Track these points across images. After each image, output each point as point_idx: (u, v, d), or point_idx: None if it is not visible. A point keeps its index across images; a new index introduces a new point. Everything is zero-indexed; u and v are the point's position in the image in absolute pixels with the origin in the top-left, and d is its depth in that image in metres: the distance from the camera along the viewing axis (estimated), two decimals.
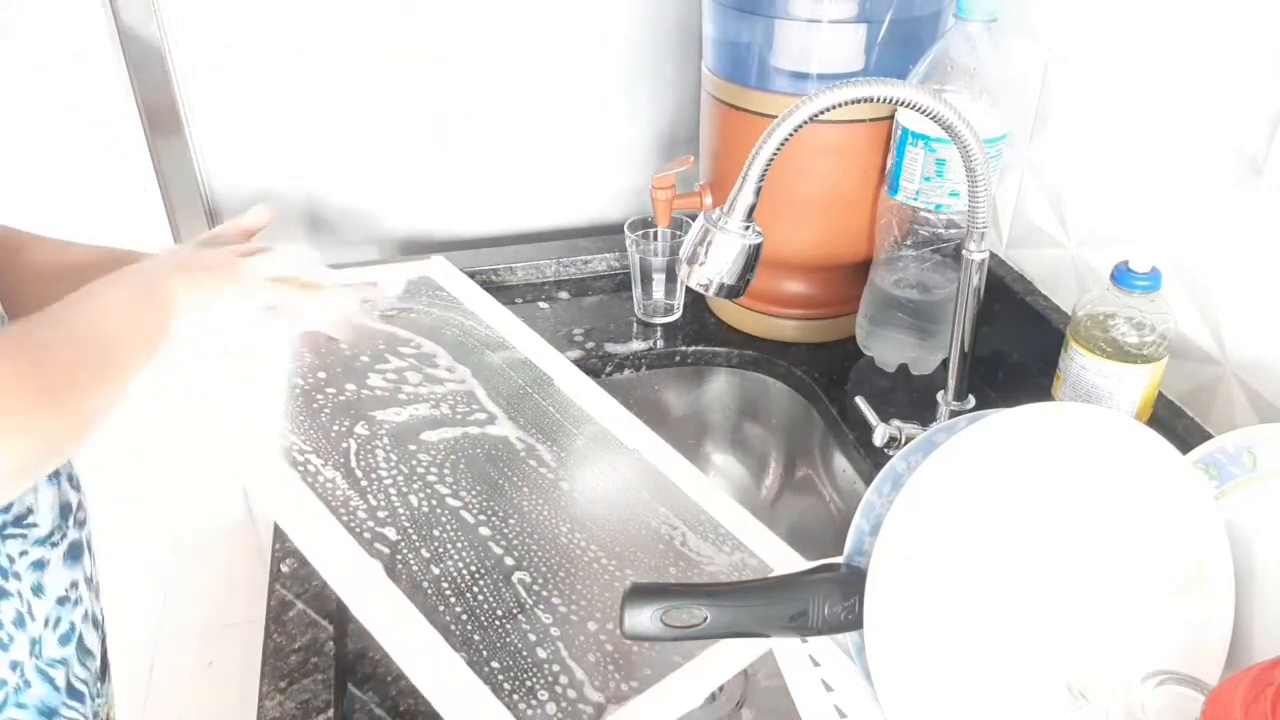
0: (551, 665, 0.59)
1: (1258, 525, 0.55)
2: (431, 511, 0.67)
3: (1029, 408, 0.52)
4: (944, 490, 0.50)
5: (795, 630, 0.54)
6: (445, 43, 1.10)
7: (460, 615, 0.61)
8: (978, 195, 0.68)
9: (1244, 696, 0.41)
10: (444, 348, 0.84)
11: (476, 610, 0.61)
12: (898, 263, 0.90)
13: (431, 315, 0.89)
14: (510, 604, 0.62)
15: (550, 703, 0.57)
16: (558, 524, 0.69)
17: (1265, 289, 0.68)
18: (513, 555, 0.66)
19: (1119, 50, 0.78)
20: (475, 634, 0.60)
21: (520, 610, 0.62)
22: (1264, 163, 0.66)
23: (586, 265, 1.12)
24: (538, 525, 0.69)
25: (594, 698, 0.58)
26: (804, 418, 0.97)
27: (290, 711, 0.61)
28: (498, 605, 0.62)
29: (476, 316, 0.90)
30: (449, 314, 0.89)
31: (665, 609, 0.52)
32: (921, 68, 0.81)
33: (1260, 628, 0.54)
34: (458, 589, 0.63)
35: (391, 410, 0.75)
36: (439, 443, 0.73)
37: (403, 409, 0.75)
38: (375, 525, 0.65)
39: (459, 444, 0.74)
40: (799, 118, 0.59)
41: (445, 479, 0.70)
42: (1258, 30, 0.66)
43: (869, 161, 0.89)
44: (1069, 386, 0.74)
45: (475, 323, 0.89)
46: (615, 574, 0.67)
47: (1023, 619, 0.52)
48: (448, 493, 0.69)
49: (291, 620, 0.68)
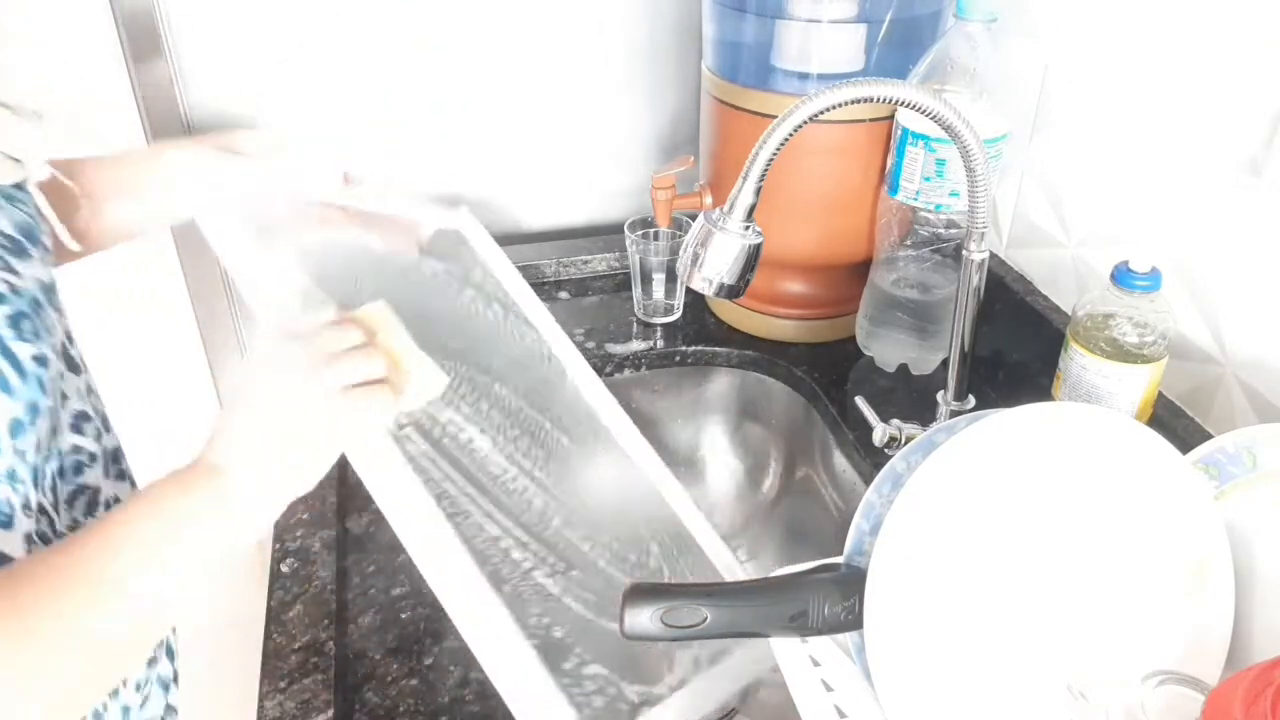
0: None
1: (1258, 525, 0.55)
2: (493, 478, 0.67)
3: (1029, 408, 0.52)
4: (944, 490, 0.50)
5: (795, 630, 0.54)
6: (445, 40, 1.10)
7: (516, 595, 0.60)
8: (978, 195, 0.68)
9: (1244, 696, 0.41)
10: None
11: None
12: (898, 263, 0.90)
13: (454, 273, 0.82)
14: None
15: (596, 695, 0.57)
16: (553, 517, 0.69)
17: (1265, 289, 0.68)
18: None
19: (1119, 50, 0.78)
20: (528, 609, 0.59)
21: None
22: (1264, 163, 0.66)
23: (586, 265, 1.12)
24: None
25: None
26: (804, 418, 0.97)
27: (290, 711, 0.61)
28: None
29: (499, 284, 0.82)
30: (471, 271, 0.82)
31: (665, 609, 0.52)
32: (921, 68, 0.81)
33: (1260, 628, 0.54)
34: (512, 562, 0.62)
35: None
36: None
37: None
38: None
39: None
40: (799, 118, 0.59)
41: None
42: (1257, 30, 0.66)
43: (869, 161, 0.89)
44: (1069, 386, 0.74)
45: (494, 289, 0.82)
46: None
47: (1023, 619, 0.52)
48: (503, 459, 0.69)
49: (291, 620, 0.68)
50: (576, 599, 0.65)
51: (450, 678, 0.65)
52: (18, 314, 0.51)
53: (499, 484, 0.71)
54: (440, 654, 0.67)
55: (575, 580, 0.66)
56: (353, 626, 0.69)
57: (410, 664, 0.66)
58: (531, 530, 0.68)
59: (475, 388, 0.71)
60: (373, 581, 0.72)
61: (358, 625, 0.69)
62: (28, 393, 0.50)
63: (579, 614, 0.64)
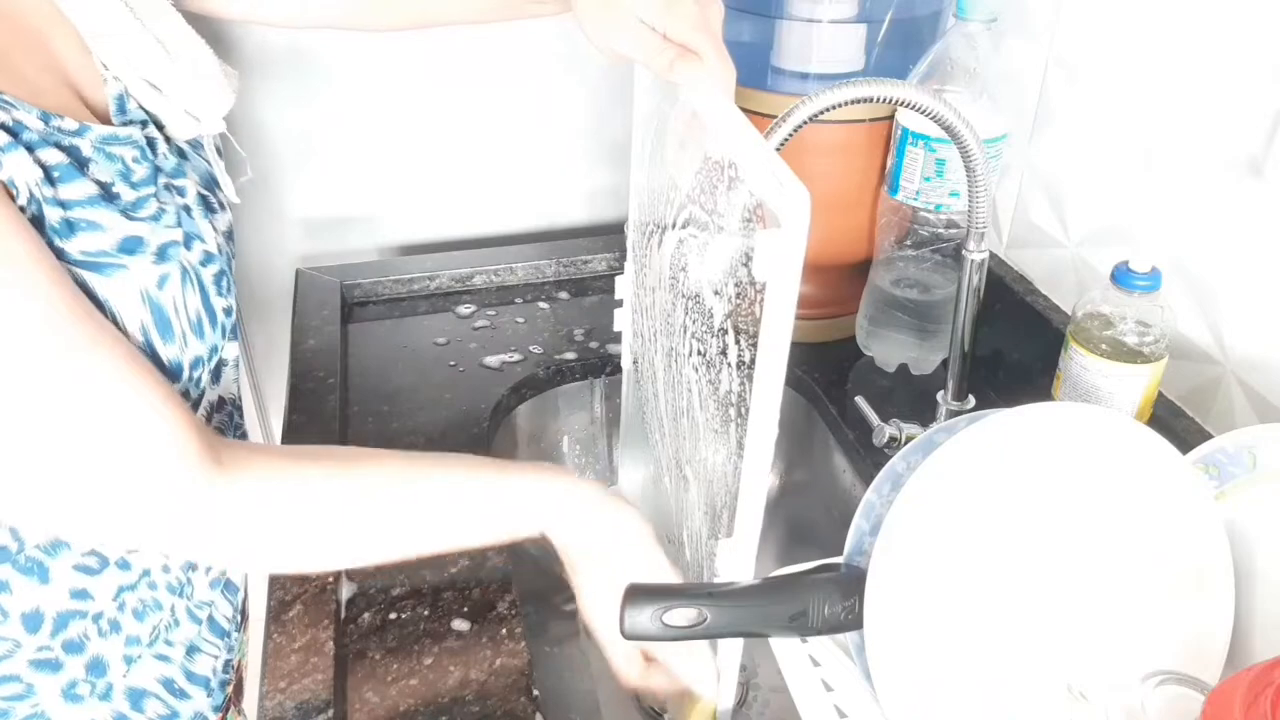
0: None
1: (1258, 525, 0.55)
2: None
3: (1029, 408, 0.52)
4: (944, 490, 0.50)
5: (795, 630, 0.54)
6: (445, 37, 1.10)
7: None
8: (977, 195, 0.68)
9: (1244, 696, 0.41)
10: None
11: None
12: (898, 263, 0.90)
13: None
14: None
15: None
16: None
17: (1265, 289, 0.68)
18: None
19: (1119, 50, 0.78)
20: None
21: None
22: (1264, 163, 0.66)
23: (586, 265, 1.12)
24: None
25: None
26: (804, 418, 0.97)
27: (290, 711, 0.61)
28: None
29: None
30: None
31: (665, 609, 0.52)
32: (921, 68, 0.81)
33: (1260, 628, 0.54)
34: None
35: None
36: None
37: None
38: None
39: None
40: (799, 118, 0.59)
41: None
42: (1258, 31, 0.66)
43: (869, 161, 0.89)
44: (1069, 386, 0.74)
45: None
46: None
47: (1022, 619, 0.52)
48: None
49: (291, 620, 0.68)
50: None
51: (450, 678, 0.65)
52: (220, 272, 0.58)
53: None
54: (440, 654, 0.67)
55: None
56: (353, 626, 0.69)
57: (410, 664, 0.66)
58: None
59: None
60: (373, 581, 0.72)
61: (358, 625, 0.69)
62: (213, 339, 0.57)
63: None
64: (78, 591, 0.59)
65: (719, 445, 0.56)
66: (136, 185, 0.53)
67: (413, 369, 0.96)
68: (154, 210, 0.53)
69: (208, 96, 0.58)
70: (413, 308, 1.06)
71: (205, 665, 0.68)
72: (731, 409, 0.52)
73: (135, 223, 0.52)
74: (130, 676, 0.63)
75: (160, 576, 0.62)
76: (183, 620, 0.65)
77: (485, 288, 1.09)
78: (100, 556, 0.59)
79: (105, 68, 0.54)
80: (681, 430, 0.66)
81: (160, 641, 0.64)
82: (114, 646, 0.62)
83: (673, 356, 0.66)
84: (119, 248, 0.50)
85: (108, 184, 0.51)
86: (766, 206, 0.44)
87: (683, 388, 0.63)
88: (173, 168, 0.58)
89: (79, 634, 0.60)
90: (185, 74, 0.57)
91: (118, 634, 0.61)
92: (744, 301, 0.49)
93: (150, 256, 0.52)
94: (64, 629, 0.59)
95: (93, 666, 0.61)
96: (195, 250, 0.56)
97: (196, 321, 0.55)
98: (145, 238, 0.52)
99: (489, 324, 1.03)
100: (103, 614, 0.60)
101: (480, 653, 0.67)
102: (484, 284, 1.09)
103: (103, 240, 0.50)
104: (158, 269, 0.52)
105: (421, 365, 0.96)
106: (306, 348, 0.95)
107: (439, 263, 1.09)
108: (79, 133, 0.50)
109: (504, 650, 0.67)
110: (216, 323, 0.57)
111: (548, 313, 1.06)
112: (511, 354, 0.98)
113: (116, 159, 0.52)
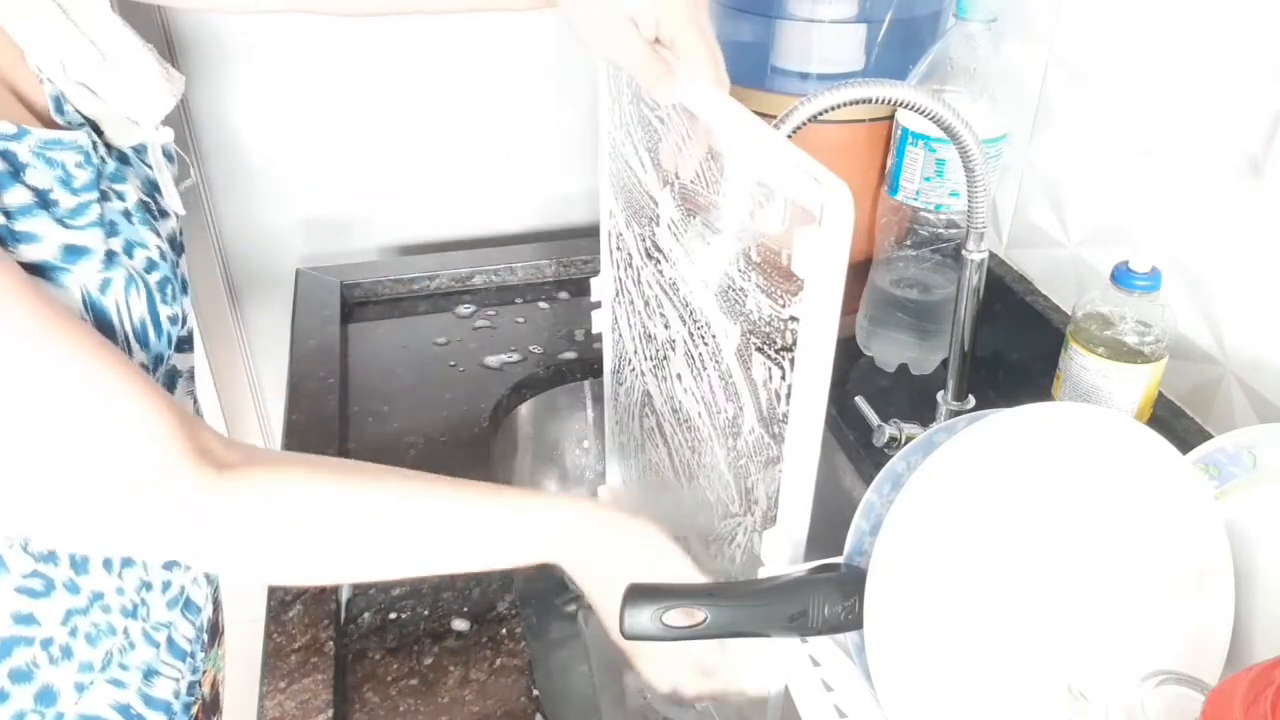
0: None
1: (1258, 525, 0.54)
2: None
3: (1029, 408, 0.52)
4: (944, 490, 0.50)
5: (795, 630, 0.54)
6: (445, 36, 1.10)
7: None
8: (977, 195, 0.68)
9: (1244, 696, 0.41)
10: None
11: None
12: (898, 263, 0.90)
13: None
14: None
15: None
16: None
17: (1265, 289, 0.68)
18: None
19: (1119, 50, 0.78)
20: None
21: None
22: (1264, 163, 0.66)
23: (586, 265, 1.12)
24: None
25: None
26: None
27: (290, 711, 0.61)
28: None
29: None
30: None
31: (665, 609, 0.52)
32: (921, 68, 0.81)
33: (1260, 628, 0.54)
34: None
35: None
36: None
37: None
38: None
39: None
40: (799, 118, 0.59)
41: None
42: (1258, 31, 0.66)
43: (869, 161, 0.89)
44: (1069, 386, 0.74)
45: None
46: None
47: (1023, 619, 0.52)
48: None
49: (291, 620, 0.68)
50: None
51: (450, 678, 0.65)
52: (164, 280, 0.56)
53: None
54: (440, 654, 0.67)
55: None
56: (353, 626, 0.69)
57: (410, 664, 0.66)
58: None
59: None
60: (373, 581, 0.72)
61: (358, 625, 0.69)
62: (158, 347, 0.56)
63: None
64: (22, 616, 0.56)
65: (733, 442, 0.56)
66: (78, 191, 0.51)
67: (413, 369, 0.96)
68: (95, 216, 0.52)
69: (146, 100, 0.56)
70: (412, 308, 1.06)
71: (165, 689, 0.65)
72: (768, 403, 0.53)
73: (73, 231, 0.50)
74: (82, 704, 0.60)
75: (114, 599, 0.59)
76: (139, 643, 0.62)
77: (485, 288, 1.09)
78: (45, 579, 0.56)
79: (40, 70, 0.53)
80: (691, 428, 0.66)
81: (114, 666, 0.61)
82: (65, 674, 0.59)
83: (671, 356, 0.66)
84: (60, 256, 0.49)
85: (45, 190, 0.50)
86: (798, 202, 0.45)
87: (701, 384, 0.64)
88: (112, 172, 0.56)
89: (26, 661, 0.57)
90: (122, 78, 0.55)
91: (69, 660, 0.58)
92: (774, 296, 0.50)
93: (92, 262, 0.51)
94: (8, 656, 0.56)
95: (42, 696, 0.58)
96: (138, 257, 0.54)
97: (141, 328, 0.54)
98: (85, 245, 0.51)
99: (489, 324, 1.03)
100: (52, 640, 0.57)
101: (480, 653, 0.67)
102: (484, 284, 1.09)
103: (41, 250, 0.48)
104: (100, 275, 0.51)
105: (421, 365, 0.96)
106: (306, 348, 0.95)
107: (439, 263, 1.09)
108: (16, 137, 0.49)
109: (504, 650, 0.67)
110: (162, 331, 0.56)
111: (548, 313, 1.06)
112: (511, 354, 0.98)
113: (57, 164, 0.50)
